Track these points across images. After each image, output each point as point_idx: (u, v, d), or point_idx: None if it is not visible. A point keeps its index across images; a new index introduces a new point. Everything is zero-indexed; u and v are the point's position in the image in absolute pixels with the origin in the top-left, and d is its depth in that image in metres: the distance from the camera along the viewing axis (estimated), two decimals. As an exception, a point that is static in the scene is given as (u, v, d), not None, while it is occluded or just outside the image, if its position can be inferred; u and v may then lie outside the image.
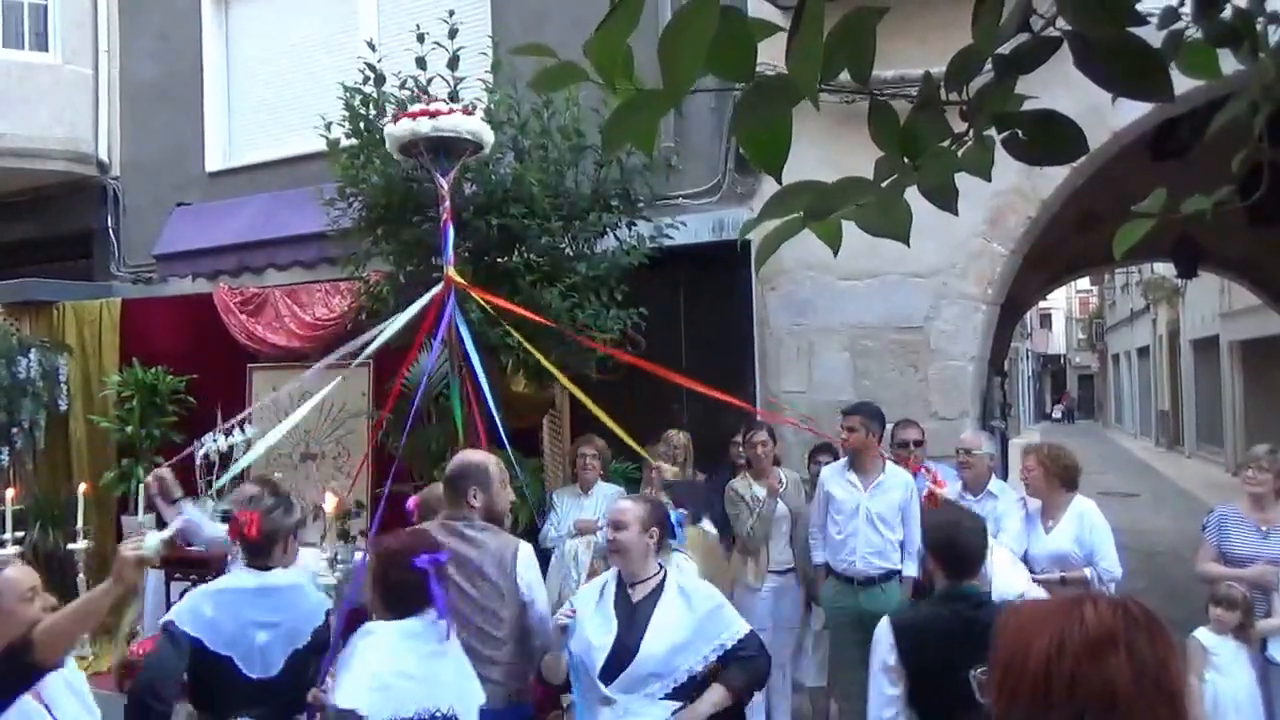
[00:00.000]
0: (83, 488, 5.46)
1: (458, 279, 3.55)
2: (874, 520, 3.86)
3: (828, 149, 3.96)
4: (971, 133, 0.93)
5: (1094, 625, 0.96)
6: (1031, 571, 3.41)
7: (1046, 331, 38.42)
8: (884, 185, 0.93)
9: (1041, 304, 26.36)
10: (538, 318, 3.49)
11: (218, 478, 5.76)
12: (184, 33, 7.20)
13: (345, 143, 4.42)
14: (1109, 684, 0.93)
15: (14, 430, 6.08)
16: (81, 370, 6.48)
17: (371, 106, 4.33)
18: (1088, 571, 3.34)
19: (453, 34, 4.15)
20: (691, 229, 4.95)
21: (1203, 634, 3.25)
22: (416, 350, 3.44)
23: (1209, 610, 3.29)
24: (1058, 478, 3.49)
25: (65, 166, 7.33)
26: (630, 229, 4.55)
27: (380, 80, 4.37)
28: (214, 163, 7.11)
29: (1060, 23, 0.89)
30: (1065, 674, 0.94)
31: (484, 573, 2.46)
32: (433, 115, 3.20)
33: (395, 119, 3.42)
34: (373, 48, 4.54)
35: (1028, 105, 0.95)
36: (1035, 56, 0.90)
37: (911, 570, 3.87)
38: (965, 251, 4.59)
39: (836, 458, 4.29)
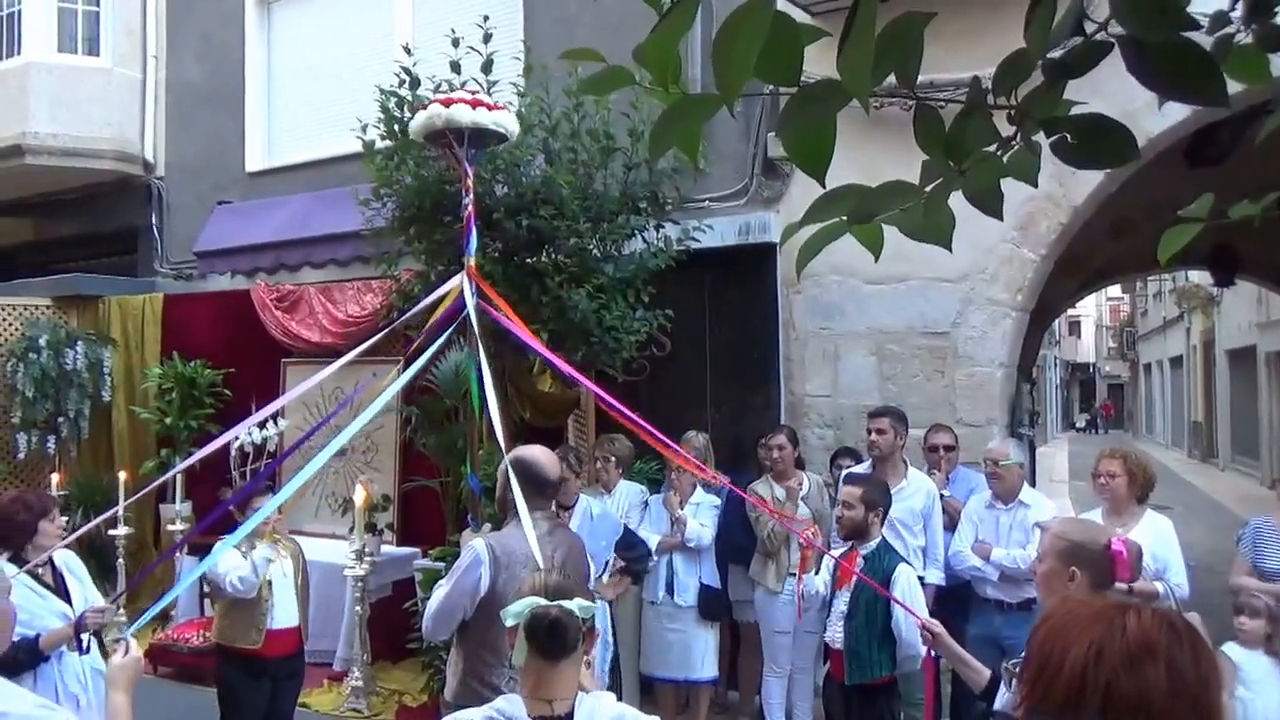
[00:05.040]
0: (123, 475, 5.63)
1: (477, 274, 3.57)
2: (895, 525, 3.86)
3: (857, 153, 3.97)
4: (1019, 137, 0.95)
5: (1135, 635, 0.94)
6: None
7: (1075, 339, 37.70)
8: (929, 189, 0.95)
9: (1070, 311, 25.90)
10: (527, 330, 3.49)
11: (250, 468, 5.92)
12: (227, 38, 7.40)
13: (380, 144, 4.52)
14: (1145, 696, 0.92)
15: (60, 419, 6.29)
16: (124, 362, 6.68)
17: (406, 109, 4.42)
18: (1159, 586, 3.27)
19: (486, 38, 4.23)
20: (718, 232, 4.98)
21: (1232, 649, 3.18)
22: (428, 337, 3.48)
23: (1235, 622, 3.23)
24: (1141, 487, 3.45)
25: (113, 166, 7.56)
26: (658, 231, 4.59)
27: (415, 83, 4.46)
28: (254, 163, 7.29)
29: (1112, 26, 0.90)
30: (1101, 682, 0.93)
31: None
32: (473, 105, 3.25)
33: (425, 105, 3.47)
34: (408, 52, 4.64)
35: (1074, 110, 0.95)
36: (1086, 61, 0.90)
37: (933, 577, 3.86)
38: (995, 257, 4.56)
39: (859, 462, 4.29)
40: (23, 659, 2.64)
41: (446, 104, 3.27)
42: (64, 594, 2.88)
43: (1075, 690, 0.94)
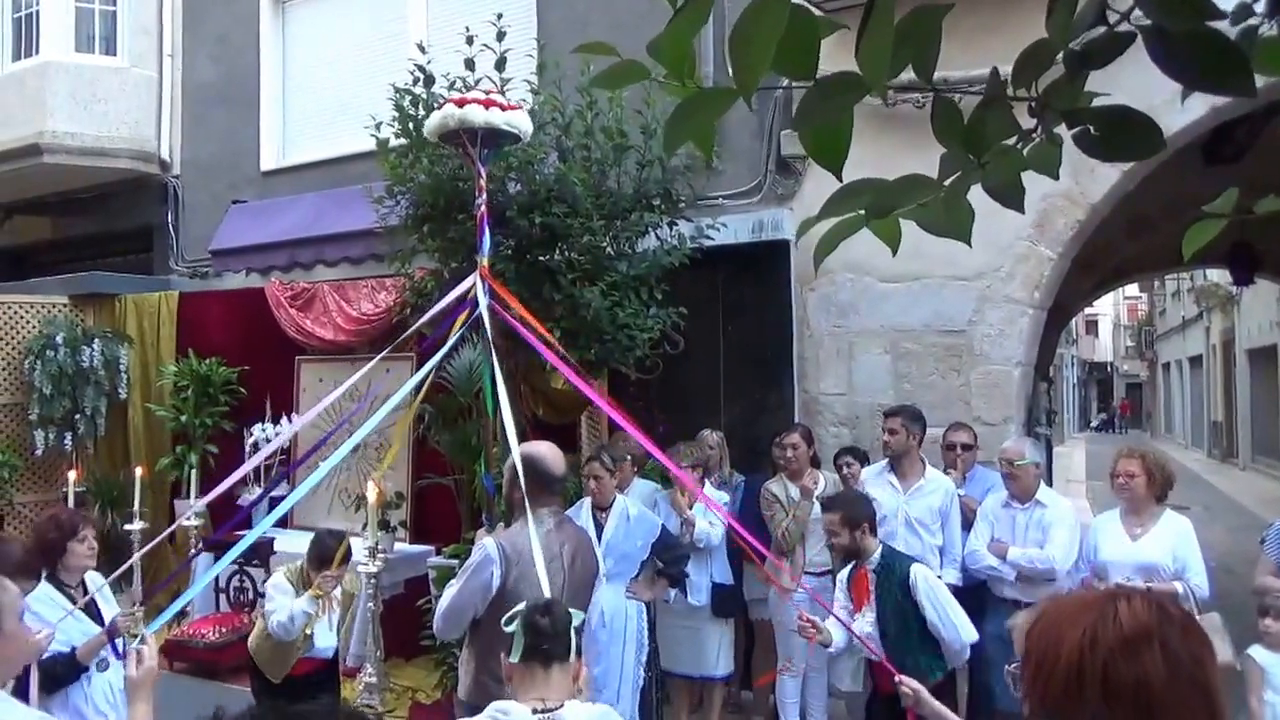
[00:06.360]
0: (139, 472, 5.68)
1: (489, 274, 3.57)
2: (913, 524, 3.83)
3: (866, 151, 3.93)
4: (1039, 130, 0.93)
5: (1128, 621, 0.96)
6: (1104, 579, 3.34)
7: (1093, 338, 37.36)
8: (948, 183, 0.94)
9: (1087, 310, 25.67)
10: (535, 323, 3.47)
11: (265, 465, 5.96)
12: (242, 37, 7.45)
13: (394, 142, 4.53)
14: (1143, 680, 0.93)
15: (77, 416, 6.36)
16: (140, 360, 6.74)
17: (420, 107, 4.43)
18: (1178, 586, 3.24)
19: (500, 36, 4.23)
20: (732, 229, 4.96)
21: (1258, 651, 3.13)
22: (445, 338, 3.48)
23: (1260, 624, 3.18)
24: (1159, 486, 3.41)
25: (129, 165, 7.62)
26: (671, 229, 4.58)
27: (429, 81, 4.47)
28: (268, 162, 7.33)
29: (1135, 16, 0.88)
30: (1098, 669, 0.94)
31: None
32: (486, 106, 3.25)
33: (440, 104, 3.48)
34: (422, 50, 4.64)
35: (1096, 102, 0.94)
36: (1108, 51, 0.89)
37: (950, 576, 3.83)
38: (1011, 254, 4.51)
39: (862, 461, 4.26)
40: (61, 672, 2.67)
41: (460, 104, 3.28)
42: (95, 614, 2.91)
43: (1074, 680, 0.95)
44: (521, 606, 1.88)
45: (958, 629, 2.81)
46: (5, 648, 1.84)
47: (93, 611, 2.90)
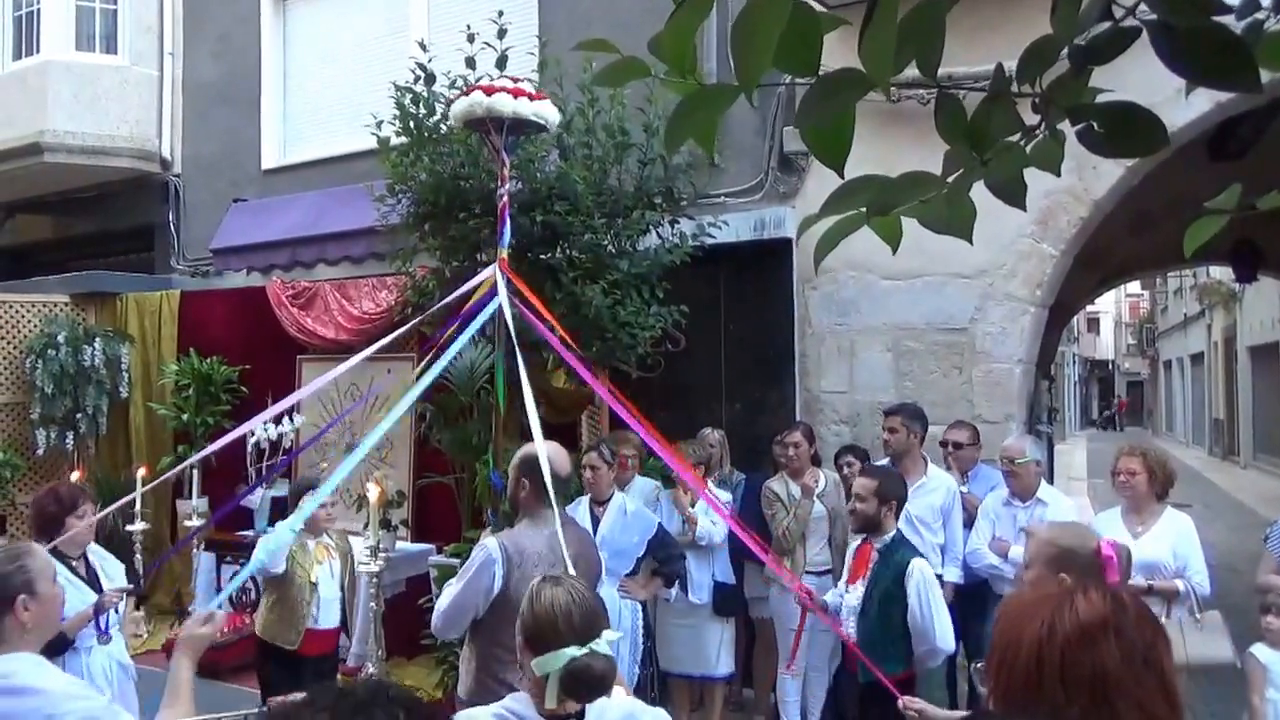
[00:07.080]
0: (141, 471, 5.68)
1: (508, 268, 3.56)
2: (914, 522, 3.83)
3: (869, 148, 3.92)
4: (1043, 126, 0.93)
5: (1085, 612, 0.99)
6: None
7: (1094, 336, 37.36)
8: (950, 180, 0.93)
9: (1089, 307, 25.66)
10: (550, 318, 3.47)
11: (266, 464, 5.96)
12: (243, 36, 7.44)
13: (395, 141, 4.53)
14: (1100, 666, 0.96)
15: (79, 415, 6.36)
16: (141, 359, 6.74)
17: (421, 105, 4.43)
18: (1180, 584, 3.24)
19: (501, 34, 4.22)
20: (733, 228, 4.95)
21: (1260, 650, 3.12)
22: (456, 328, 3.48)
23: (1262, 622, 3.17)
24: (1160, 484, 3.40)
25: (130, 164, 7.63)
26: (673, 227, 4.57)
27: (430, 79, 4.47)
28: (270, 160, 7.33)
29: (1140, 11, 0.88)
30: (1056, 658, 0.97)
31: None
32: (515, 95, 3.23)
33: (467, 91, 3.47)
34: (424, 48, 4.64)
35: (1100, 98, 0.93)
36: (1113, 47, 0.88)
37: (952, 575, 3.83)
38: (1013, 252, 4.50)
39: (863, 458, 4.26)
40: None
41: (489, 92, 3.26)
42: (97, 586, 2.93)
43: (1034, 671, 0.98)
44: (560, 656, 1.59)
45: (934, 627, 2.79)
46: (42, 609, 1.91)
47: (96, 586, 2.93)
